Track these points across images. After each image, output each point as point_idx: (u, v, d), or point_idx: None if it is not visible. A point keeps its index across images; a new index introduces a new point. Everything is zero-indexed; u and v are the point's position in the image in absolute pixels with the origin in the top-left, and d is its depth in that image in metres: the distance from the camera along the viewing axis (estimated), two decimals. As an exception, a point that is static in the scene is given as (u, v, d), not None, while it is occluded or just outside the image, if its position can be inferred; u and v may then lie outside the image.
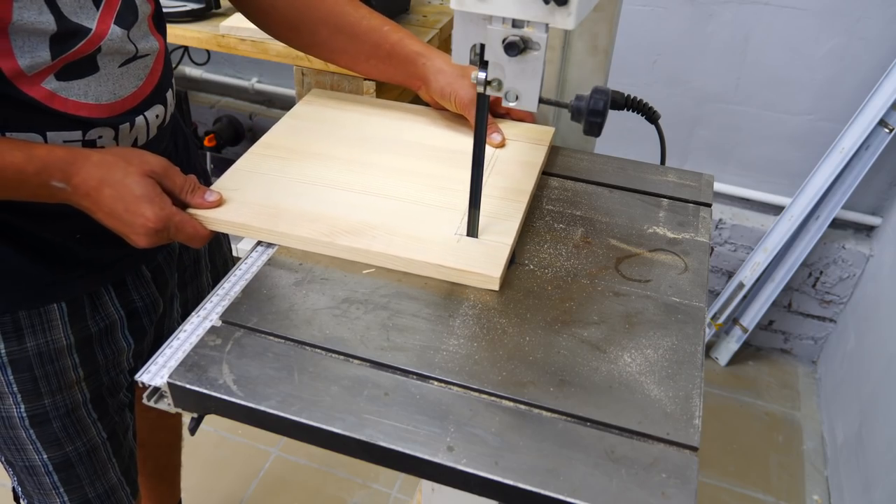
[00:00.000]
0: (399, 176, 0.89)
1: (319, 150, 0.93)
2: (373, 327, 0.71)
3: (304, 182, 0.87)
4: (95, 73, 0.75)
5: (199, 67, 2.45)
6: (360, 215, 0.82)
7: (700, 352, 0.70)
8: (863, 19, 1.67)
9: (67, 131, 0.75)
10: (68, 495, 0.93)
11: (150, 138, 0.83)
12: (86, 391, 0.89)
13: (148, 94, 0.81)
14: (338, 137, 0.96)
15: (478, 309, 0.74)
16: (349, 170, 0.90)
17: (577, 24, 0.60)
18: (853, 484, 1.70)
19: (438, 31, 1.65)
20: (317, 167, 0.90)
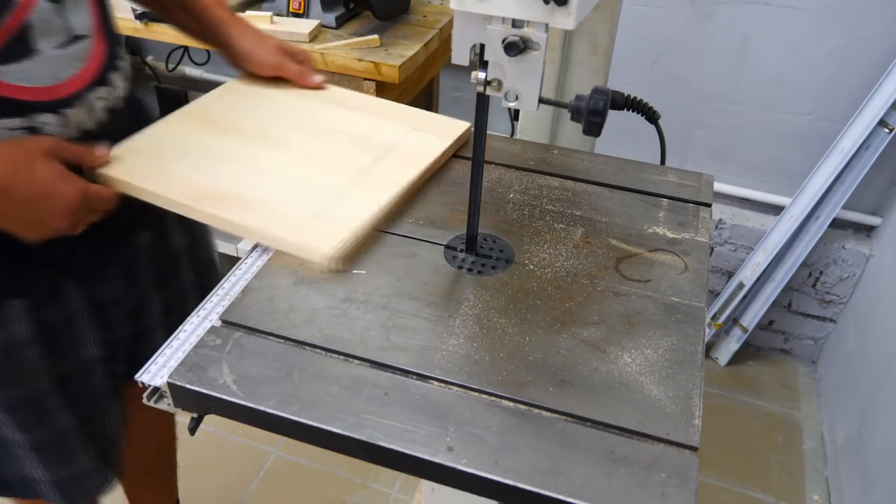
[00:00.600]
0: (299, 156, 0.91)
1: (234, 124, 0.95)
2: (373, 327, 0.71)
3: (206, 152, 0.89)
4: (34, 56, 0.74)
5: (199, 67, 2.45)
6: (238, 188, 0.84)
7: (700, 352, 0.70)
8: (863, 19, 1.66)
9: (8, 118, 0.74)
10: (45, 471, 0.94)
11: (101, 123, 0.83)
12: (51, 379, 0.89)
13: (91, 76, 0.81)
14: (257, 114, 0.98)
15: (478, 309, 0.74)
16: (253, 145, 0.92)
17: (577, 24, 0.60)
18: (853, 484, 1.70)
19: (438, 31, 1.66)
20: (226, 139, 0.92)
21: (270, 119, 0.97)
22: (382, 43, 1.56)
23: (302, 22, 1.59)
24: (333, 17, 1.62)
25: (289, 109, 1.00)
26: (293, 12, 1.63)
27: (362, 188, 0.86)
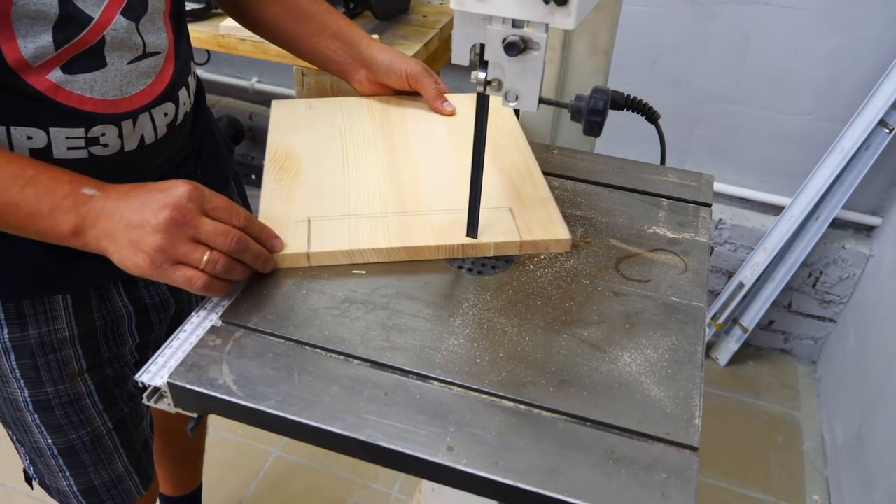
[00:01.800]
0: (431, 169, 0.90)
1: (327, 156, 0.93)
2: (373, 327, 0.71)
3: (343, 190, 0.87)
4: (103, 68, 0.74)
5: (199, 67, 2.45)
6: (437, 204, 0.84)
7: (700, 352, 0.70)
8: (863, 19, 1.67)
9: (71, 127, 0.74)
10: (74, 479, 0.94)
11: (160, 138, 0.83)
12: (90, 382, 0.89)
13: (158, 93, 0.81)
14: (333, 141, 0.96)
15: (478, 309, 0.74)
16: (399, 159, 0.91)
17: (577, 24, 0.60)
18: (853, 484, 1.70)
19: (438, 31, 1.66)
20: (343, 173, 0.90)
21: (401, 132, 0.97)
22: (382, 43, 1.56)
23: (302, 22, 1.59)
24: (333, 17, 1.62)
25: (359, 128, 0.99)
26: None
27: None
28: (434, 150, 0.94)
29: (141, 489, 1.00)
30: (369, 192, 0.86)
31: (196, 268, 0.67)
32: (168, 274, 0.67)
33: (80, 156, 0.76)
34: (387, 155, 0.93)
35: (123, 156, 0.79)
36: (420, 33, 1.63)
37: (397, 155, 0.93)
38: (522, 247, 0.81)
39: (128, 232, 0.66)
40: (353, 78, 1.02)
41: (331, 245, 0.78)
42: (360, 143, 0.95)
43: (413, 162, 0.92)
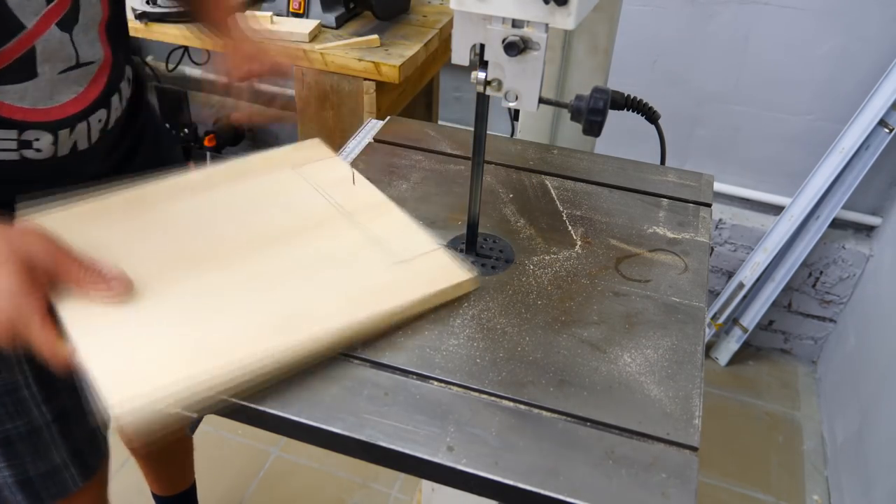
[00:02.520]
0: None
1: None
2: (373, 327, 0.71)
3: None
4: (34, 79, 0.73)
5: (199, 67, 2.45)
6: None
7: (700, 352, 0.70)
8: (863, 19, 1.66)
9: (3, 129, 0.73)
10: (9, 470, 0.93)
11: (93, 143, 0.82)
12: (28, 373, 0.88)
13: (91, 101, 0.80)
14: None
15: (478, 309, 0.74)
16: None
17: (577, 24, 0.60)
18: (853, 484, 1.70)
19: (438, 31, 1.66)
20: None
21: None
22: (382, 43, 1.56)
23: (302, 22, 1.59)
24: (333, 17, 1.62)
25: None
26: (293, 12, 1.63)
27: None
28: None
29: (79, 481, 0.99)
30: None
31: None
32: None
33: (12, 157, 0.75)
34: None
35: (56, 160, 0.79)
36: (420, 33, 1.63)
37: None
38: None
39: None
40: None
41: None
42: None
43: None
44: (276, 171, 0.89)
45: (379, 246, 0.78)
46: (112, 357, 0.63)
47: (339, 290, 0.72)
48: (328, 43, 1.56)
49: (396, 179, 0.93)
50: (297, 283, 0.73)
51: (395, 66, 1.48)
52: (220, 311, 0.69)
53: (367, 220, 0.82)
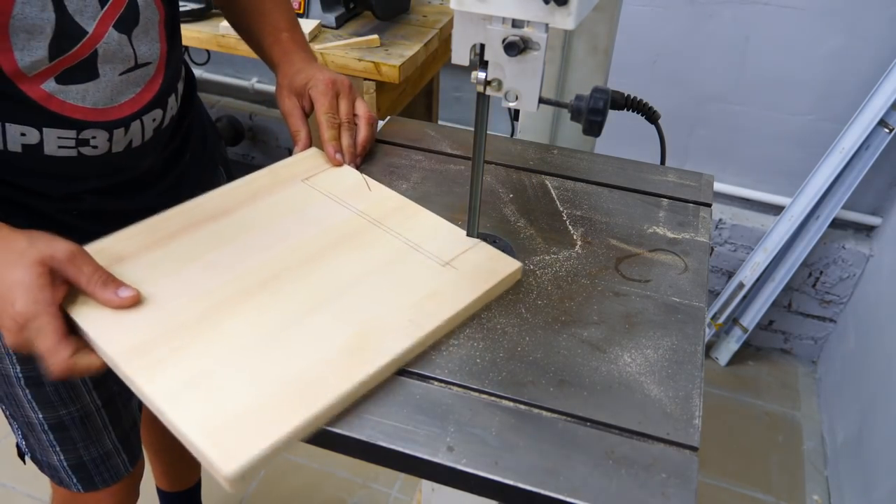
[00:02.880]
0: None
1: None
2: (373, 327, 0.71)
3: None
4: (95, 80, 0.75)
5: (199, 67, 2.45)
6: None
7: (700, 352, 0.70)
8: (863, 19, 1.66)
9: (63, 129, 0.75)
10: (64, 454, 0.95)
11: (146, 140, 0.84)
12: None
13: (148, 101, 0.82)
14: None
15: (478, 309, 0.74)
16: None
17: (577, 24, 0.60)
18: (853, 484, 1.70)
19: (438, 31, 1.66)
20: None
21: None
22: (382, 43, 1.56)
23: (302, 22, 1.59)
24: (333, 17, 1.62)
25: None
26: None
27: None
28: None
29: (129, 466, 1.01)
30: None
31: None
32: None
33: (70, 154, 0.77)
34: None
35: (110, 156, 0.81)
36: (420, 33, 1.63)
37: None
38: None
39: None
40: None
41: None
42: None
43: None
44: (288, 185, 0.87)
45: (418, 250, 0.77)
46: (204, 416, 0.59)
47: (398, 303, 0.70)
48: (328, 43, 1.56)
49: (396, 179, 0.93)
50: (352, 301, 0.71)
51: (395, 66, 1.48)
52: (287, 339, 0.66)
53: (396, 224, 0.81)
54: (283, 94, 0.93)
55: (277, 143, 2.62)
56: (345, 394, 0.62)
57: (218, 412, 0.59)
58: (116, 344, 0.64)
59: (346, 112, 0.91)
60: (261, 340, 0.66)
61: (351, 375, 0.63)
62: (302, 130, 0.92)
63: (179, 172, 0.92)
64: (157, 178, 0.89)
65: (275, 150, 2.64)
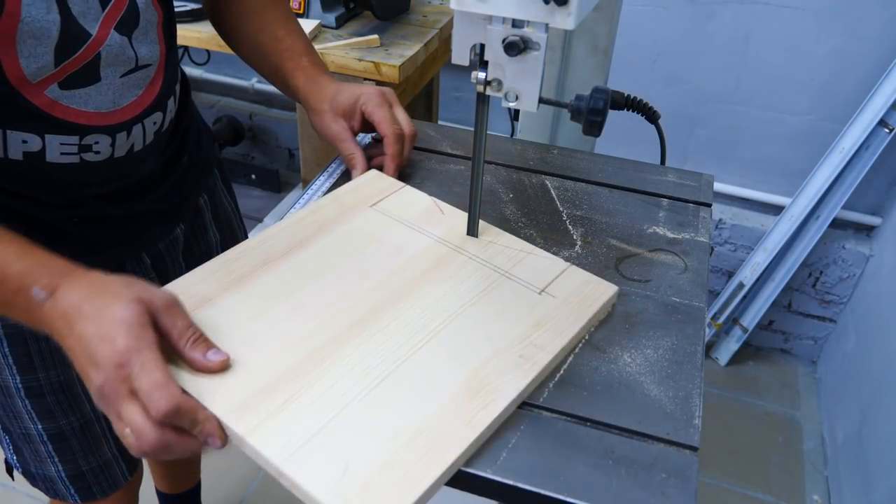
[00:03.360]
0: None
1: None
2: (373, 327, 0.71)
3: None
4: (97, 83, 0.75)
5: (199, 67, 2.45)
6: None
7: (700, 352, 0.70)
8: (863, 19, 1.67)
9: (66, 135, 0.75)
10: (62, 465, 0.94)
11: (147, 144, 0.84)
12: None
13: (149, 103, 0.81)
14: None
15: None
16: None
17: (577, 24, 0.60)
18: (853, 484, 1.70)
19: (438, 31, 1.66)
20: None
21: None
22: (382, 43, 1.56)
23: (302, 22, 1.59)
24: (333, 17, 1.62)
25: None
26: (293, 12, 1.63)
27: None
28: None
29: (128, 475, 1.01)
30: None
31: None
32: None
33: (72, 161, 0.77)
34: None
35: (112, 161, 0.80)
36: (420, 33, 1.63)
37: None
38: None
39: (78, 369, 0.62)
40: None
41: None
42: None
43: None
44: (357, 213, 0.82)
45: (510, 277, 0.74)
46: (333, 478, 0.55)
47: (504, 336, 0.67)
48: (328, 43, 1.56)
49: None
50: (456, 337, 0.67)
51: (395, 66, 1.48)
52: (399, 384, 0.62)
53: (479, 251, 0.78)
54: (325, 118, 0.90)
55: (277, 143, 2.62)
56: (474, 441, 0.59)
57: (347, 472, 0.55)
58: (221, 402, 0.59)
59: (406, 123, 0.90)
60: (370, 387, 0.62)
61: (477, 421, 0.60)
62: (357, 153, 0.89)
63: (178, 175, 0.92)
64: (157, 182, 0.89)
65: (275, 150, 2.64)
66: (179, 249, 0.98)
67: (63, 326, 0.61)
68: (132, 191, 0.86)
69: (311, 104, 0.91)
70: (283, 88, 0.96)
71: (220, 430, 0.59)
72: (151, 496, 1.52)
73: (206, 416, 0.59)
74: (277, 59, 0.94)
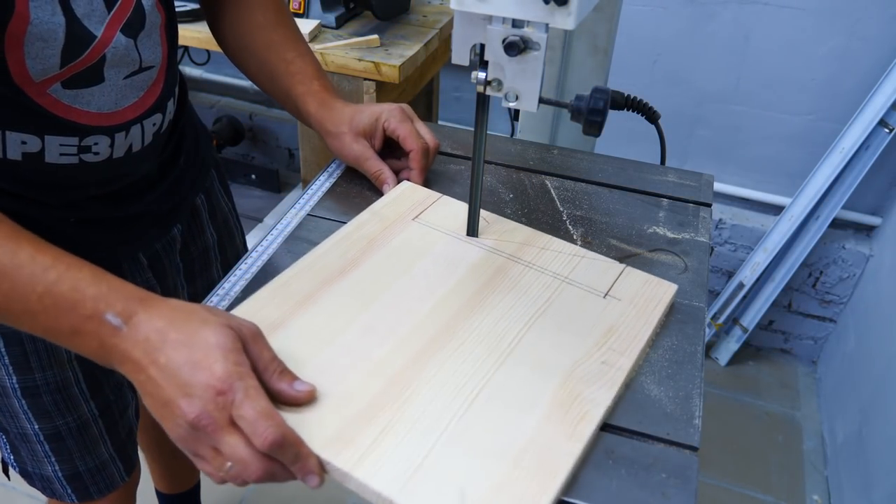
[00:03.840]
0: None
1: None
2: (373, 327, 0.71)
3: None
4: (100, 84, 0.75)
5: (199, 67, 2.45)
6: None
7: (700, 352, 0.70)
8: (863, 19, 1.67)
9: (65, 136, 0.75)
10: (59, 465, 0.94)
11: (146, 145, 0.83)
12: (77, 369, 0.89)
13: (149, 105, 0.81)
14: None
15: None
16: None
17: (577, 24, 0.60)
18: (853, 484, 1.70)
19: (438, 31, 1.66)
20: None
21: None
22: (382, 43, 1.56)
23: (302, 22, 1.59)
24: (333, 17, 1.62)
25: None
26: (293, 12, 1.63)
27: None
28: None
29: (125, 476, 1.01)
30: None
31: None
32: (191, 457, 0.59)
33: (71, 161, 0.77)
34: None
35: (111, 162, 0.80)
36: (420, 33, 1.63)
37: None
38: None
39: (155, 402, 0.58)
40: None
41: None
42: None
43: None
44: (401, 227, 0.80)
45: (571, 283, 0.74)
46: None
47: (581, 344, 0.67)
48: (328, 43, 1.56)
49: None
50: (534, 348, 0.66)
51: (395, 66, 1.48)
52: (490, 401, 0.61)
53: (534, 258, 0.77)
54: (345, 140, 0.89)
55: (277, 143, 2.62)
56: (580, 455, 0.58)
57: (464, 498, 0.54)
58: (314, 436, 0.57)
59: (430, 136, 0.89)
60: (464, 407, 0.61)
61: (579, 434, 0.59)
62: (384, 169, 0.89)
63: (175, 176, 0.92)
64: (154, 183, 0.89)
65: (275, 150, 2.64)
66: (176, 250, 0.98)
67: (143, 355, 0.57)
68: (130, 191, 0.86)
69: (328, 128, 0.90)
70: (293, 111, 0.95)
71: (320, 467, 0.57)
72: (151, 496, 1.52)
73: (308, 451, 0.56)
74: (287, 81, 0.93)
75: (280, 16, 0.95)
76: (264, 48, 0.94)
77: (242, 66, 0.97)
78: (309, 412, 0.59)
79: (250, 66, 0.96)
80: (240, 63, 0.97)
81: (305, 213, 0.87)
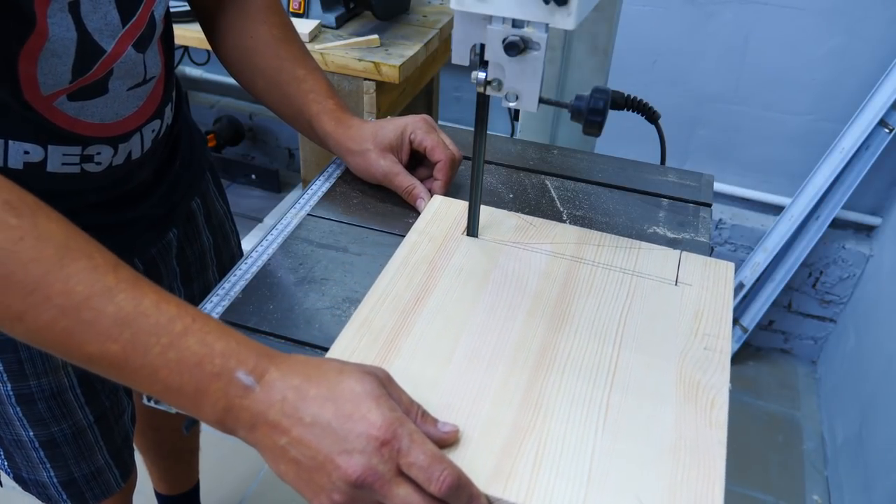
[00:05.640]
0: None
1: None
2: (373, 327, 0.71)
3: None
4: (104, 95, 0.75)
5: (199, 67, 2.45)
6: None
7: (700, 352, 0.70)
8: (863, 19, 1.67)
9: (68, 146, 0.75)
10: (55, 471, 0.94)
11: (144, 152, 0.83)
12: (72, 375, 0.89)
13: (150, 114, 0.81)
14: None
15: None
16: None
17: (577, 24, 0.60)
18: (853, 484, 1.70)
19: (438, 31, 1.66)
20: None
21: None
22: (382, 43, 1.56)
23: (302, 22, 1.59)
24: (333, 17, 1.62)
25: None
26: (293, 12, 1.63)
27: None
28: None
29: (120, 481, 1.00)
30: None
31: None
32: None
33: (73, 171, 0.76)
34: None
35: (111, 170, 0.80)
36: (420, 33, 1.63)
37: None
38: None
39: (300, 469, 0.53)
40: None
41: None
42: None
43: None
44: (456, 244, 0.79)
45: (641, 276, 0.74)
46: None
47: (678, 335, 0.67)
48: (328, 43, 1.56)
49: (396, 179, 0.93)
50: (640, 347, 0.66)
51: (395, 66, 1.48)
52: (622, 410, 0.61)
53: (596, 256, 0.77)
54: (370, 157, 0.87)
55: (277, 143, 2.62)
56: (726, 441, 0.58)
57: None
58: (477, 475, 0.55)
59: (455, 147, 0.88)
60: (600, 415, 0.60)
61: (718, 420, 0.59)
62: (416, 184, 0.87)
63: (171, 180, 0.92)
64: (151, 188, 0.89)
65: (275, 150, 2.64)
66: (173, 254, 0.98)
67: (282, 417, 0.53)
68: (127, 198, 0.86)
69: (349, 146, 0.88)
70: (305, 130, 0.93)
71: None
72: (150, 497, 1.52)
73: (479, 491, 0.53)
74: (300, 100, 0.90)
75: (285, 30, 0.92)
76: (274, 68, 0.91)
77: (248, 86, 0.94)
78: (459, 451, 0.57)
79: (257, 84, 0.93)
80: (244, 81, 0.94)
81: (305, 214, 0.87)
